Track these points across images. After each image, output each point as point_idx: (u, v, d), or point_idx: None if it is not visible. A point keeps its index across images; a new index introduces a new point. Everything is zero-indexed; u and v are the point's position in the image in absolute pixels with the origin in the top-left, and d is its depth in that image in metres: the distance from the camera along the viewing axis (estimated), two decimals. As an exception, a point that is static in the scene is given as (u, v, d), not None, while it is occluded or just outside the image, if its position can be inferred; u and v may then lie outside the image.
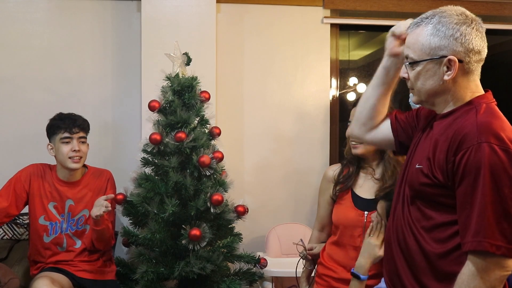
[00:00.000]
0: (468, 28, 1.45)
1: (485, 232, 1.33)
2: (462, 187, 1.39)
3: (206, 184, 2.57)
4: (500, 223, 1.33)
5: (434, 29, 1.45)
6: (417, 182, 1.51)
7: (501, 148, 1.35)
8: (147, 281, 2.47)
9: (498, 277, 1.35)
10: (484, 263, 1.35)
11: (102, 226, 2.48)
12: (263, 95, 3.39)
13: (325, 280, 2.20)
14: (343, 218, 2.17)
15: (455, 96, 1.50)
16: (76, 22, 3.24)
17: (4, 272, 2.38)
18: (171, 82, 2.65)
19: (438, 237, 1.46)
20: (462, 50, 1.44)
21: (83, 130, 2.60)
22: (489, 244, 1.33)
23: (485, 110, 1.45)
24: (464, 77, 1.48)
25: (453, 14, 1.46)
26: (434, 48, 1.45)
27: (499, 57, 3.95)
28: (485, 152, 1.34)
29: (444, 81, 1.47)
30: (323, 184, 2.34)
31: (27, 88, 3.20)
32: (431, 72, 1.48)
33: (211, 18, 3.17)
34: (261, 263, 2.77)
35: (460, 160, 1.38)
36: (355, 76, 3.83)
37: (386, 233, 1.69)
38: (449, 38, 1.43)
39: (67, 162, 2.55)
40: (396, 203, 1.63)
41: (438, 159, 1.45)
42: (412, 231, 1.52)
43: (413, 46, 1.49)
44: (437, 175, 1.44)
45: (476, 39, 1.45)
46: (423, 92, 1.52)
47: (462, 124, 1.43)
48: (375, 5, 3.45)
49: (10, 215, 2.55)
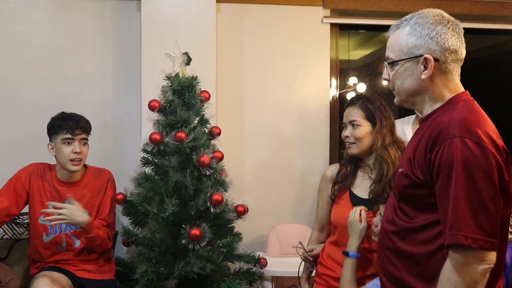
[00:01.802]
0: (443, 27, 1.48)
1: (459, 225, 1.34)
2: (438, 183, 1.40)
3: (206, 183, 2.58)
4: (477, 216, 1.33)
5: (411, 29, 1.50)
6: (401, 185, 1.53)
7: (473, 141, 1.35)
8: (147, 281, 2.47)
9: (479, 271, 1.34)
10: (462, 257, 1.35)
11: (92, 234, 2.49)
12: (263, 94, 3.39)
13: (324, 279, 2.21)
14: (341, 217, 2.18)
15: (433, 96, 1.52)
16: (76, 22, 3.25)
17: (5, 272, 2.38)
18: (171, 81, 2.65)
19: (424, 238, 1.47)
20: (438, 49, 1.48)
21: (85, 131, 2.60)
22: (463, 237, 1.33)
23: (461, 106, 1.47)
24: (442, 76, 1.51)
25: (430, 15, 1.51)
26: (411, 48, 1.50)
27: (499, 57, 3.95)
28: (457, 147, 1.36)
29: (421, 80, 1.50)
30: (322, 184, 2.35)
31: (27, 88, 3.20)
32: (409, 72, 1.52)
33: (211, 18, 3.17)
34: (261, 263, 2.77)
35: (435, 156, 1.40)
36: (355, 75, 3.83)
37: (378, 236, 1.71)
38: (425, 37, 1.48)
39: (68, 164, 2.55)
40: (386, 207, 1.66)
41: (418, 158, 1.47)
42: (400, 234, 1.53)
43: (393, 47, 1.55)
44: (417, 174, 1.46)
45: (452, 39, 1.48)
46: (402, 91, 1.56)
47: (439, 121, 1.45)
48: (375, 5, 3.45)
49: (10, 214, 2.55)
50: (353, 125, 2.18)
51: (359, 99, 2.22)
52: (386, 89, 3.93)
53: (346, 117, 2.23)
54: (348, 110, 2.23)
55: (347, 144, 2.21)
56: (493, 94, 3.82)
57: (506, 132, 1.58)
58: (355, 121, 2.17)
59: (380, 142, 2.14)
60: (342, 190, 2.23)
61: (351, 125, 2.19)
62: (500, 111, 3.79)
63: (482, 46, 3.91)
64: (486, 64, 3.96)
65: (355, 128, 2.17)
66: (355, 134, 2.17)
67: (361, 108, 2.18)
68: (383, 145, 2.14)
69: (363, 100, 2.20)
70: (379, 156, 2.14)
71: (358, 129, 2.16)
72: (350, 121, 2.19)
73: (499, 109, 3.81)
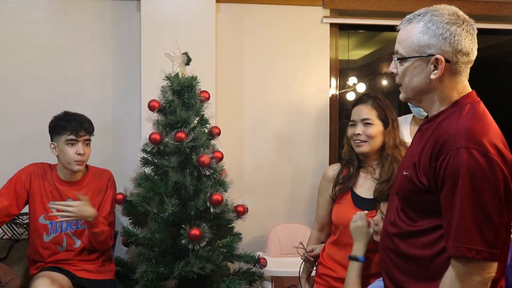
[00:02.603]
0: (458, 28, 1.44)
1: (464, 237, 1.33)
2: (443, 192, 1.38)
3: (205, 184, 2.58)
4: (481, 228, 1.32)
5: (425, 27, 1.45)
6: (405, 189, 1.51)
7: (480, 152, 1.34)
8: (146, 281, 2.47)
9: (480, 280, 1.34)
10: (465, 267, 1.34)
11: (98, 229, 2.49)
12: (263, 94, 3.39)
13: (325, 279, 2.21)
14: (342, 217, 2.17)
15: (441, 96, 1.49)
16: (76, 22, 3.24)
17: (5, 272, 2.38)
18: (171, 82, 2.65)
19: (427, 241, 1.46)
20: (450, 50, 1.44)
21: (89, 132, 2.60)
22: (467, 249, 1.32)
23: (468, 111, 1.44)
24: (451, 78, 1.47)
25: (445, 13, 1.46)
26: (423, 46, 1.45)
27: (499, 56, 3.95)
28: (463, 157, 1.34)
29: (430, 80, 1.47)
30: (322, 184, 2.34)
31: (27, 87, 3.20)
32: (418, 70, 1.48)
33: (211, 18, 3.17)
34: (261, 263, 2.77)
35: (440, 165, 1.38)
36: (355, 75, 3.83)
37: (380, 237, 1.69)
38: (438, 37, 1.44)
39: (72, 165, 2.55)
40: (388, 209, 1.64)
41: (423, 164, 1.45)
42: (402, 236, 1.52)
43: (403, 42, 1.50)
44: (422, 180, 1.44)
45: (465, 41, 1.44)
46: (409, 88, 1.53)
47: (445, 127, 1.43)
48: (375, 5, 3.45)
49: (10, 214, 2.55)
50: (366, 124, 2.16)
51: (370, 97, 2.20)
52: (386, 89, 3.92)
53: (357, 114, 2.19)
54: (359, 108, 2.19)
55: (357, 142, 2.17)
56: (493, 94, 3.82)
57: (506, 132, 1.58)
58: (368, 120, 2.15)
59: (392, 141, 2.15)
60: (344, 191, 2.22)
61: (362, 123, 2.16)
62: (500, 111, 3.79)
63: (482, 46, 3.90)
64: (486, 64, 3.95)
65: (367, 126, 2.15)
66: (367, 133, 2.15)
67: (374, 107, 2.17)
68: (395, 145, 2.15)
69: (374, 99, 2.19)
70: (389, 155, 2.14)
71: (371, 127, 2.15)
72: (362, 119, 2.16)
73: (499, 109, 3.80)
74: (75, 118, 2.58)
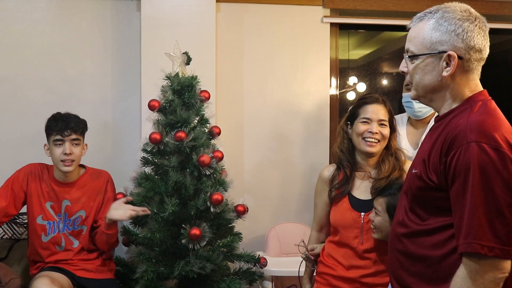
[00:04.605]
0: (471, 25, 1.42)
1: (476, 233, 1.30)
2: (454, 188, 1.36)
3: (206, 183, 2.58)
4: (493, 223, 1.30)
5: (436, 24, 1.43)
6: (414, 187, 1.49)
7: (491, 146, 1.32)
8: (147, 281, 2.47)
9: (492, 279, 1.31)
10: (477, 265, 1.31)
11: (113, 231, 2.50)
12: (263, 94, 3.39)
13: (325, 278, 2.20)
14: (340, 220, 2.17)
15: (453, 94, 1.47)
16: (76, 21, 3.24)
17: (5, 272, 2.38)
18: (171, 81, 2.65)
19: (436, 241, 1.43)
20: (463, 46, 1.42)
21: (76, 132, 2.54)
22: (479, 245, 1.30)
23: (479, 108, 1.43)
24: (463, 75, 1.45)
25: (457, 10, 1.44)
26: (435, 43, 1.43)
27: (498, 56, 3.95)
28: (474, 152, 1.32)
29: (442, 77, 1.45)
30: (318, 185, 2.31)
31: (27, 87, 3.20)
32: (430, 67, 1.46)
33: (211, 18, 3.17)
34: (261, 262, 2.77)
35: (450, 161, 1.36)
36: (355, 75, 3.83)
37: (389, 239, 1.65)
38: (450, 34, 1.42)
39: (59, 165, 2.54)
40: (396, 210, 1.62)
41: (432, 161, 1.43)
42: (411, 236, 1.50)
43: (414, 40, 1.48)
44: (431, 177, 1.42)
45: (478, 37, 1.42)
46: (420, 87, 1.50)
47: (455, 123, 1.41)
48: (375, 5, 3.45)
49: (9, 214, 2.55)
50: (381, 125, 2.15)
51: (383, 100, 2.20)
52: (386, 89, 3.93)
53: (374, 114, 2.15)
54: (376, 107, 2.16)
55: (370, 141, 2.13)
56: (492, 93, 3.81)
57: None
58: (384, 121, 2.15)
59: (396, 144, 2.21)
60: (341, 197, 2.20)
61: (378, 123, 2.14)
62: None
63: (482, 45, 3.91)
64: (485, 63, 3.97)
65: (383, 127, 2.15)
66: (384, 133, 2.15)
67: (387, 110, 2.18)
68: (396, 147, 2.21)
69: (386, 102, 2.20)
70: (393, 154, 2.18)
71: (385, 129, 2.15)
72: (379, 120, 2.14)
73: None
74: (63, 118, 2.55)
